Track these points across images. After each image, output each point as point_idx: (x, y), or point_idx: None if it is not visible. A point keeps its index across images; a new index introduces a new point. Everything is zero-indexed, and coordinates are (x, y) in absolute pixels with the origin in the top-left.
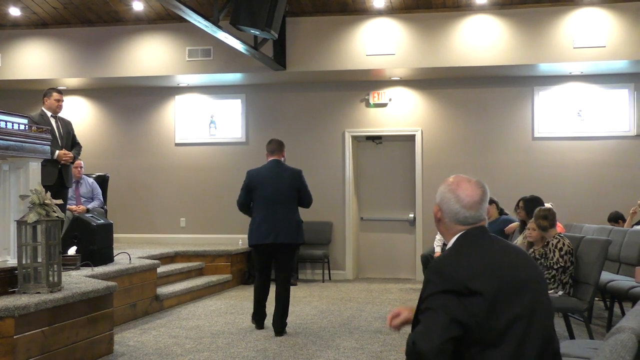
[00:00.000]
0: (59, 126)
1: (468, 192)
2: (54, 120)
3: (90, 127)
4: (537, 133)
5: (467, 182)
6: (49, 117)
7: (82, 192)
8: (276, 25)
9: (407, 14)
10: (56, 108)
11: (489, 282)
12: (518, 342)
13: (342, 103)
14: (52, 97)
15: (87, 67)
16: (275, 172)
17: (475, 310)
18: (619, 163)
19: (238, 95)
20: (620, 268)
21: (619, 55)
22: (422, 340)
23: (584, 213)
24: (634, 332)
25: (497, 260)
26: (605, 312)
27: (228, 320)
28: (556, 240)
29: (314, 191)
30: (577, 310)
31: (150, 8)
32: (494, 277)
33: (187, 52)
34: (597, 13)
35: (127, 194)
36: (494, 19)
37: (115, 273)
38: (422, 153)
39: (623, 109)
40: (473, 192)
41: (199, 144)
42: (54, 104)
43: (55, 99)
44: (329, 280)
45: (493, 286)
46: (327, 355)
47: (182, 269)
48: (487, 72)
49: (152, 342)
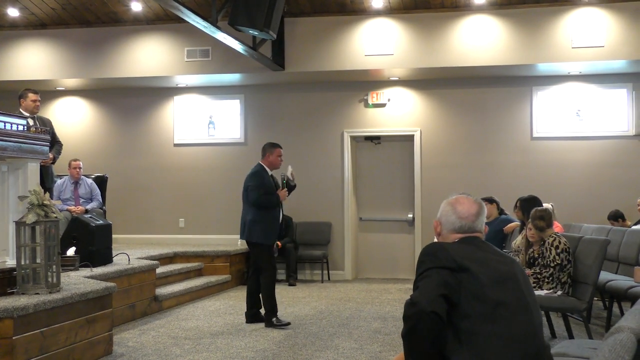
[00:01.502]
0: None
1: (465, 206)
2: (32, 121)
3: (89, 128)
4: (536, 133)
5: (465, 198)
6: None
7: (81, 192)
8: (274, 26)
9: (405, 14)
10: (33, 108)
11: (477, 266)
12: (505, 325)
13: (341, 103)
14: (28, 97)
15: (86, 68)
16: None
17: (464, 282)
18: (618, 163)
19: (237, 96)
20: (619, 268)
21: (617, 55)
22: (418, 296)
23: (582, 213)
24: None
25: (485, 256)
26: (604, 312)
27: (227, 320)
28: (552, 238)
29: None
30: (576, 310)
31: (149, 9)
32: (481, 265)
33: (185, 52)
34: (595, 13)
35: (126, 195)
36: (492, 19)
37: (114, 274)
38: (420, 153)
39: (621, 108)
40: (470, 206)
41: (198, 145)
42: (30, 105)
43: (31, 100)
44: (328, 281)
45: (480, 270)
46: (326, 355)
47: (181, 270)
48: (485, 72)
49: (151, 342)
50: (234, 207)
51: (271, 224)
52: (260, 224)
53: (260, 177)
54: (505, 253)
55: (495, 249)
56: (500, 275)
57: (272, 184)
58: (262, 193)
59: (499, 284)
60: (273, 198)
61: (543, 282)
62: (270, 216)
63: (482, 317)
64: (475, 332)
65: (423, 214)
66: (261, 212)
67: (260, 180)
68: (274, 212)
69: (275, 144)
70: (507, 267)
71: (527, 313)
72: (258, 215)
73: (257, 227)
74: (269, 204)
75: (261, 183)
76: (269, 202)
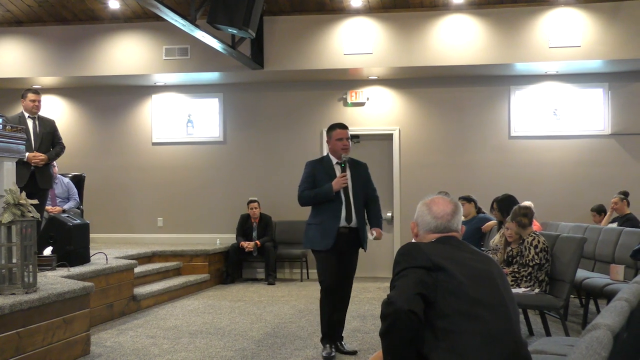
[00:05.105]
0: (37, 126)
1: (440, 206)
2: (32, 121)
3: (66, 127)
4: (514, 132)
5: (441, 199)
6: (25, 118)
7: (58, 192)
8: (254, 24)
9: (384, 13)
10: (32, 108)
11: (453, 265)
12: (482, 323)
13: (320, 102)
14: (27, 98)
15: (63, 66)
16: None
17: (441, 281)
18: (594, 161)
19: (215, 95)
20: (596, 265)
21: (593, 55)
22: (395, 295)
23: (559, 211)
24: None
25: (461, 255)
26: (581, 309)
27: (206, 320)
28: (531, 238)
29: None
30: (553, 308)
31: (127, 6)
32: (457, 264)
33: (164, 50)
34: (572, 13)
35: (103, 194)
36: (470, 19)
37: (91, 273)
38: (399, 152)
39: (598, 108)
40: (445, 206)
41: (176, 143)
42: (29, 105)
43: (30, 100)
44: (307, 280)
45: (456, 269)
46: (305, 354)
47: (160, 269)
48: (464, 71)
49: (129, 342)
50: (213, 206)
51: (321, 224)
52: (310, 226)
53: (308, 168)
54: (482, 252)
55: (472, 247)
56: (477, 274)
57: (327, 174)
58: (303, 189)
59: (476, 283)
60: (321, 191)
61: (521, 280)
62: (324, 215)
63: (459, 316)
64: (453, 330)
65: (402, 212)
66: (314, 211)
67: (307, 173)
68: (328, 211)
69: (334, 125)
70: (483, 266)
71: (504, 311)
72: (312, 214)
73: (308, 229)
74: (315, 199)
75: (307, 176)
76: (315, 198)
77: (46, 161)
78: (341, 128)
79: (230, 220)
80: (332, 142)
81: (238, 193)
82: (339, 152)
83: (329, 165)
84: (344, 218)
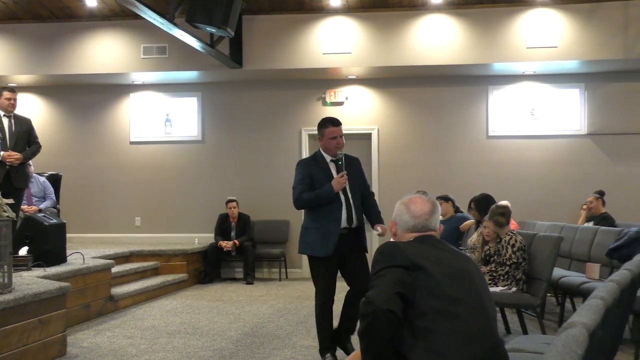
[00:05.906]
0: (12, 125)
1: (418, 205)
2: (7, 120)
3: (42, 126)
4: (492, 131)
5: (419, 198)
6: (1, 116)
7: (34, 191)
8: (232, 23)
9: (363, 12)
10: (7, 107)
11: (431, 264)
12: (460, 321)
13: (299, 101)
14: (2, 96)
15: (39, 64)
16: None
17: (419, 280)
18: (571, 161)
19: (194, 93)
20: (572, 264)
21: (570, 55)
22: (373, 294)
23: (536, 210)
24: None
25: (439, 253)
26: (558, 308)
27: (184, 320)
28: (509, 237)
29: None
30: (530, 306)
31: (104, 4)
32: (435, 263)
33: (142, 49)
34: (549, 14)
35: (80, 193)
36: (449, 19)
37: (68, 273)
38: (378, 151)
39: (574, 108)
40: (423, 205)
41: (154, 143)
42: (4, 103)
43: (5, 98)
44: (285, 279)
45: (435, 268)
46: (283, 354)
47: (137, 269)
48: (442, 71)
49: (106, 343)
50: (191, 205)
51: (321, 228)
52: (308, 230)
53: (303, 168)
54: (460, 251)
55: (450, 246)
56: (455, 273)
57: (324, 173)
58: (302, 191)
59: (454, 281)
60: (322, 193)
61: (499, 279)
62: (323, 218)
63: (437, 314)
64: (431, 329)
65: (381, 211)
66: (312, 214)
67: (302, 173)
68: (327, 213)
69: (326, 121)
70: (461, 265)
71: (482, 309)
72: (308, 218)
73: (306, 233)
74: (316, 202)
75: (303, 177)
76: (316, 200)
77: (22, 160)
78: (333, 125)
79: (209, 220)
80: (325, 140)
81: (216, 192)
82: (333, 150)
83: (324, 164)
84: (345, 219)
